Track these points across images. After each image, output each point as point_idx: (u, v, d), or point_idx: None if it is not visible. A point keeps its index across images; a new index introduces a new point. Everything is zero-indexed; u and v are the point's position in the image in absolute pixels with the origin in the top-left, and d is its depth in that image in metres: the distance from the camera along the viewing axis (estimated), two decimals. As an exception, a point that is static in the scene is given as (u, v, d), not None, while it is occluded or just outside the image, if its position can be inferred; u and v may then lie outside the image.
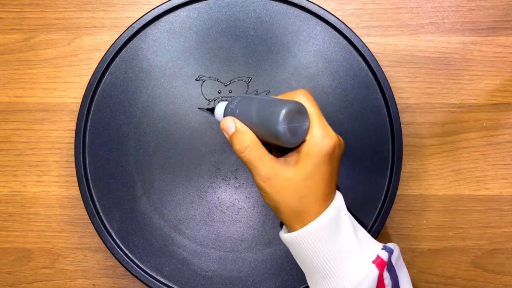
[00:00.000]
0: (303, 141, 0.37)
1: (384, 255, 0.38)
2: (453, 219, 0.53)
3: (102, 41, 0.53)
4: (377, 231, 0.48)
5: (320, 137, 0.37)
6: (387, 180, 0.48)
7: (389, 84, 0.48)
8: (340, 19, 0.49)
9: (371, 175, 0.49)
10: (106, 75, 0.49)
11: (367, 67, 0.49)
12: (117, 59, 0.49)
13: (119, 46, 0.49)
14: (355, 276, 0.37)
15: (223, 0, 0.49)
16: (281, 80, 0.49)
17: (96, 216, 0.48)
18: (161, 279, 0.48)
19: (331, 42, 0.49)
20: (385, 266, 0.38)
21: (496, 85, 0.52)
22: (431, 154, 0.52)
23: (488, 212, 0.52)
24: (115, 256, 0.48)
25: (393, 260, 0.38)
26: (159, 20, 0.49)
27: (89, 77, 0.49)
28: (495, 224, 0.52)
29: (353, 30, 0.48)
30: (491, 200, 0.52)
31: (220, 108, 0.42)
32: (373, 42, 0.52)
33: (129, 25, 0.49)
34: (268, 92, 0.49)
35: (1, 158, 0.53)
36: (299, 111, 0.36)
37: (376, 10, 0.53)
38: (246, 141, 0.37)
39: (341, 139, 0.39)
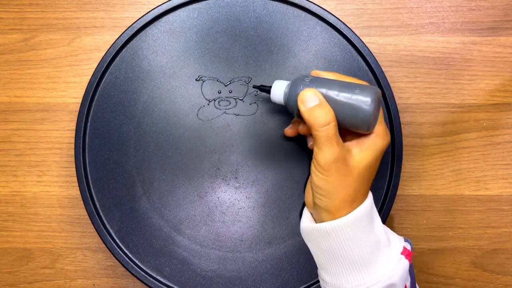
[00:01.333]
0: (370, 133, 0.38)
1: (409, 247, 0.39)
2: (453, 219, 0.53)
3: (102, 41, 0.53)
4: (377, 231, 0.48)
5: (384, 133, 0.39)
6: (387, 180, 0.48)
7: (389, 84, 0.48)
8: (340, 19, 0.49)
9: (371, 175, 0.49)
10: (106, 75, 0.49)
11: (367, 67, 0.49)
12: (117, 59, 0.49)
13: (119, 46, 0.49)
14: (388, 267, 0.37)
15: (223, 0, 0.49)
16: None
17: (96, 216, 0.48)
18: (161, 279, 0.48)
19: (331, 42, 0.49)
20: (411, 256, 0.39)
21: (496, 85, 0.52)
22: (431, 154, 0.52)
23: (488, 212, 0.52)
24: (115, 256, 0.48)
25: None
26: (159, 20, 0.49)
27: (89, 77, 0.49)
28: (495, 224, 0.52)
29: (353, 30, 0.48)
30: (491, 200, 0.52)
31: (279, 86, 0.42)
32: (373, 42, 0.52)
33: (129, 25, 0.49)
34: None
35: (1, 158, 0.53)
36: (380, 100, 0.38)
37: (376, 10, 0.53)
38: (330, 116, 0.37)
39: None
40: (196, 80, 0.49)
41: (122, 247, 0.48)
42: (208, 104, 0.49)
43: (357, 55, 0.49)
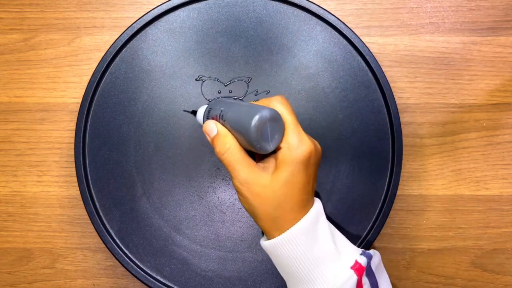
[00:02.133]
0: (279, 148, 0.38)
1: (363, 261, 0.38)
2: (453, 219, 0.53)
3: (102, 41, 0.53)
4: (377, 231, 0.48)
5: (295, 145, 0.37)
6: (387, 180, 0.48)
7: (389, 84, 0.48)
8: (340, 19, 0.49)
9: (371, 175, 0.49)
10: (106, 75, 0.49)
11: (367, 67, 0.49)
12: (117, 59, 0.49)
13: (119, 46, 0.49)
14: (333, 282, 0.37)
15: (223, 0, 0.49)
16: (281, 80, 0.49)
17: (96, 216, 0.48)
18: (161, 279, 0.48)
19: (331, 42, 0.49)
20: (364, 271, 0.38)
21: (496, 85, 0.52)
22: (431, 154, 0.52)
23: (488, 212, 0.52)
24: (115, 256, 0.48)
25: (373, 266, 0.39)
26: (159, 20, 0.49)
27: (89, 77, 0.49)
28: (495, 224, 0.52)
29: (353, 30, 0.48)
30: (491, 200, 0.52)
31: (201, 111, 0.43)
32: (373, 42, 0.52)
33: (129, 25, 0.49)
34: (268, 92, 0.49)
35: (1, 158, 0.53)
36: (273, 118, 0.36)
37: (376, 10, 0.53)
38: (226, 144, 0.38)
39: (318, 146, 0.39)
40: (196, 80, 0.49)
41: (122, 247, 0.48)
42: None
43: (357, 55, 0.49)
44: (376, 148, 0.49)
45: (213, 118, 0.40)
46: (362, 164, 0.49)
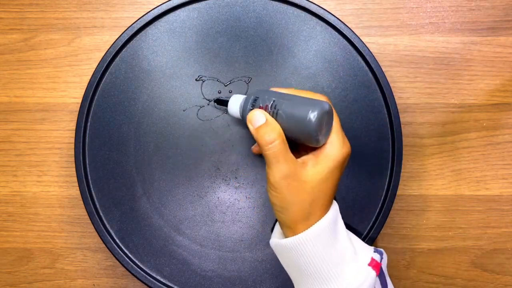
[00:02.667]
0: (323, 144, 0.38)
1: (377, 257, 0.39)
2: (453, 219, 0.53)
3: (102, 41, 0.53)
4: (377, 231, 0.48)
5: (340, 144, 0.38)
6: (387, 180, 0.48)
7: (389, 84, 0.48)
8: (340, 19, 0.49)
9: (371, 175, 0.49)
10: (106, 75, 0.49)
11: (367, 67, 0.49)
12: (117, 59, 0.49)
13: (119, 46, 0.49)
14: (354, 279, 0.37)
15: (223, 0, 0.49)
16: (281, 80, 0.49)
17: (96, 216, 0.48)
18: (161, 279, 0.48)
19: (331, 42, 0.49)
20: (380, 267, 0.38)
21: (496, 85, 0.52)
22: (431, 154, 0.52)
23: (488, 212, 0.52)
24: (115, 256, 0.48)
25: (383, 264, 0.39)
26: (159, 20, 0.49)
27: (89, 77, 0.49)
28: (495, 224, 0.52)
29: (353, 30, 0.48)
30: (491, 200, 0.52)
31: (235, 100, 0.42)
32: (373, 42, 0.52)
33: (129, 25, 0.49)
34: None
35: (1, 158, 0.53)
36: (330, 113, 0.37)
37: (376, 10, 0.53)
38: (275, 134, 0.37)
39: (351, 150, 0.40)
40: (196, 80, 0.49)
41: (122, 247, 0.48)
42: (208, 104, 0.49)
43: (357, 55, 0.49)
44: (376, 148, 0.49)
45: (260, 108, 0.39)
46: (362, 164, 0.49)
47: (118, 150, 0.49)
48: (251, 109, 0.40)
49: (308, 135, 0.36)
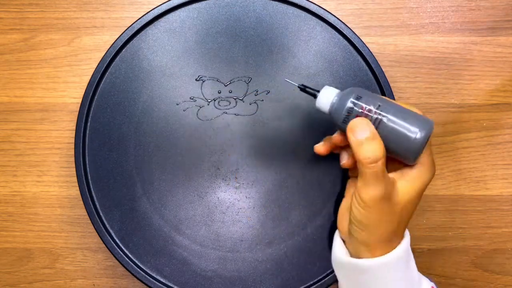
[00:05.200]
0: (414, 164, 0.36)
1: (435, 286, 0.39)
2: (453, 219, 0.53)
3: (102, 41, 0.53)
4: (377, 231, 0.48)
5: (430, 166, 0.36)
6: (387, 180, 0.48)
7: (389, 84, 0.48)
8: (340, 19, 0.49)
9: (371, 175, 0.49)
10: (106, 75, 0.49)
11: (367, 67, 0.49)
12: (117, 59, 0.49)
13: (119, 46, 0.49)
14: None
15: (223, 0, 0.49)
16: (281, 80, 0.49)
17: (96, 216, 0.48)
18: (161, 279, 0.48)
19: (331, 42, 0.49)
20: None
21: (496, 85, 0.52)
22: (431, 154, 0.52)
23: (488, 212, 0.52)
24: (115, 256, 0.48)
25: None
26: (159, 20, 0.49)
27: (89, 77, 0.49)
28: (495, 224, 0.52)
29: (353, 30, 0.48)
30: (491, 200, 0.52)
31: (327, 93, 0.38)
32: (373, 42, 0.52)
33: (129, 25, 0.49)
34: (268, 92, 0.49)
35: (1, 158, 0.53)
36: (431, 133, 0.35)
37: (376, 10, 0.53)
38: (381, 152, 0.34)
39: None
40: (196, 80, 0.49)
41: (122, 247, 0.48)
42: (208, 104, 0.49)
43: (357, 55, 0.49)
44: (376, 148, 0.48)
45: (362, 109, 0.36)
46: (362, 164, 0.49)
47: (118, 150, 0.49)
48: (352, 108, 0.36)
49: (411, 152, 0.34)
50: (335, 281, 0.47)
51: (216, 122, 0.49)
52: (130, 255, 0.48)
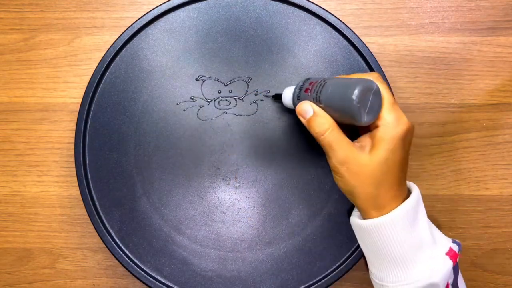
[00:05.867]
0: (375, 126, 0.38)
1: (456, 248, 0.39)
2: (453, 219, 0.53)
3: (102, 41, 0.53)
4: (377, 231, 0.48)
5: (394, 122, 0.38)
6: (387, 180, 0.48)
7: (389, 84, 0.48)
8: (340, 19, 0.49)
9: (371, 175, 0.49)
10: (106, 75, 0.49)
11: (367, 67, 0.49)
12: (117, 59, 0.49)
13: (119, 46, 0.49)
14: (429, 266, 0.37)
15: (223, 0, 0.49)
16: (281, 80, 0.49)
17: (96, 216, 0.48)
18: (161, 279, 0.48)
19: (331, 42, 0.49)
20: (457, 258, 0.39)
21: (496, 85, 0.52)
22: (431, 154, 0.52)
23: (488, 212, 0.52)
24: (115, 256, 0.48)
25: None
26: (159, 20, 0.49)
27: (89, 77, 0.49)
28: (495, 224, 0.52)
29: (353, 30, 0.48)
30: (491, 200, 0.52)
31: (288, 92, 0.44)
32: (373, 42, 0.52)
33: (129, 25, 0.49)
34: (268, 92, 0.49)
35: (1, 158, 0.53)
36: (374, 90, 0.37)
37: (376, 10, 0.53)
38: (325, 124, 0.38)
39: (412, 124, 0.39)
40: (196, 80, 0.49)
41: (122, 247, 0.48)
42: (208, 104, 0.49)
43: (357, 55, 0.49)
44: (376, 148, 0.48)
45: (309, 85, 0.40)
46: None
47: (118, 150, 0.49)
48: (299, 95, 0.41)
49: (350, 113, 0.36)
50: (335, 280, 0.47)
51: (216, 122, 0.49)
52: (130, 255, 0.48)
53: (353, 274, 0.52)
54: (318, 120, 0.38)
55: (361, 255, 0.47)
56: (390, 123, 0.37)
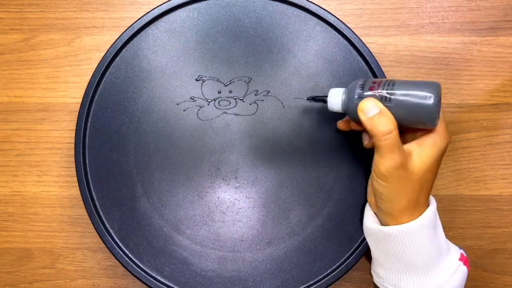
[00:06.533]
0: (431, 132, 0.38)
1: (465, 254, 0.40)
2: (453, 219, 0.53)
3: (102, 41, 0.53)
4: (377, 231, 0.48)
5: (445, 132, 0.38)
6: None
7: (389, 84, 0.48)
8: (340, 19, 0.49)
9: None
10: (106, 75, 0.49)
11: (367, 67, 0.49)
12: (117, 59, 0.49)
13: (119, 46, 0.49)
14: (449, 273, 0.38)
15: (223, 0, 0.49)
16: (281, 80, 0.49)
17: (96, 216, 0.48)
18: (161, 279, 0.48)
19: (331, 42, 0.49)
20: (468, 263, 0.39)
21: (496, 85, 0.52)
22: (431, 154, 0.52)
23: (488, 212, 0.52)
24: (115, 256, 0.48)
25: None
26: (159, 20, 0.49)
27: (89, 77, 0.49)
28: (495, 224, 0.52)
29: (353, 30, 0.48)
30: (491, 200, 0.52)
31: (335, 93, 0.41)
32: (373, 42, 0.52)
33: (129, 25, 0.49)
34: (268, 92, 0.49)
35: (1, 158, 0.53)
36: (441, 95, 0.37)
37: (376, 10, 0.53)
38: (390, 124, 0.37)
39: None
40: (196, 80, 0.49)
41: (122, 247, 0.48)
42: (208, 104, 0.49)
43: (357, 55, 0.49)
44: (376, 148, 0.49)
45: (371, 90, 0.38)
46: (362, 164, 0.49)
47: (118, 150, 0.49)
48: (361, 93, 0.39)
49: (428, 115, 0.35)
50: (335, 280, 0.47)
51: (216, 122, 0.49)
52: (130, 255, 0.48)
53: (353, 274, 0.52)
54: (383, 120, 0.37)
55: (361, 255, 0.47)
56: (442, 132, 0.38)
